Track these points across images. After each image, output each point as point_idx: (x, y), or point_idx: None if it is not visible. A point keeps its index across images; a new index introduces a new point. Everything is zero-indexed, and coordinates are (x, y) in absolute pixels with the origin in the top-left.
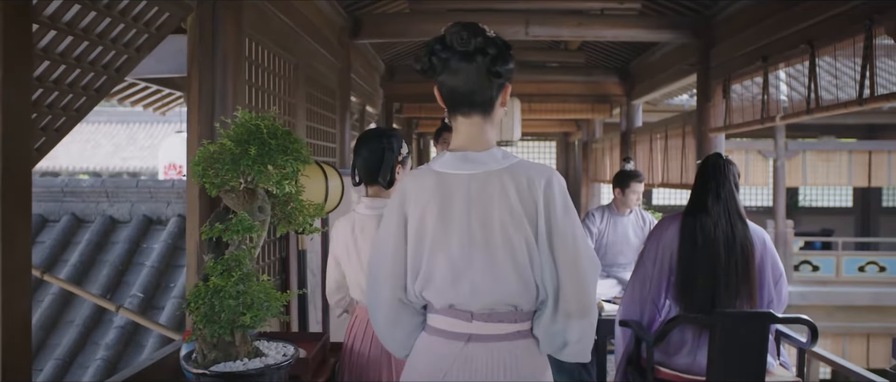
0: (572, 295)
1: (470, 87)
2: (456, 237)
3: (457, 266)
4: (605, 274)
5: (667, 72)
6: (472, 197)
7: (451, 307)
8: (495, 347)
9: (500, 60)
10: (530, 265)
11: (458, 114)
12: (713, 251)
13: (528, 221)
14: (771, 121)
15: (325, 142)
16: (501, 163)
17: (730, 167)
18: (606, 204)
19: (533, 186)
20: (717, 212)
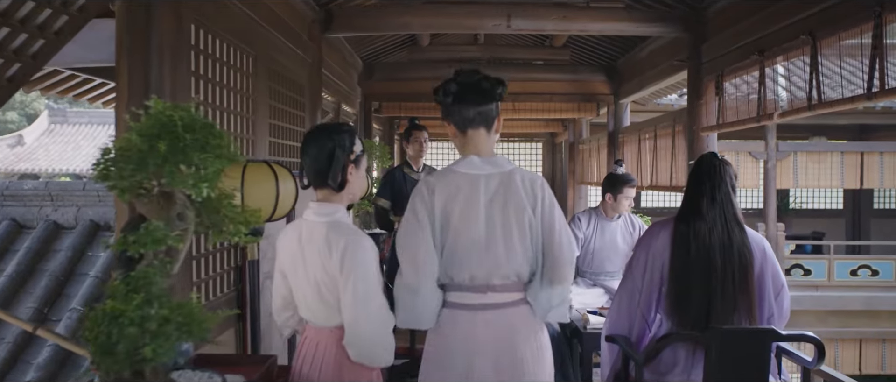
0: (555, 269)
1: (480, 110)
2: (482, 223)
3: (481, 245)
4: (591, 283)
5: (656, 69)
6: (491, 192)
7: (471, 279)
8: (506, 312)
9: (501, 89)
10: (531, 245)
11: (469, 129)
12: (708, 261)
13: (532, 210)
14: (768, 118)
15: (292, 141)
16: (507, 167)
17: (726, 168)
18: (594, 207)
19: (533, 185)
20: (712, 217)
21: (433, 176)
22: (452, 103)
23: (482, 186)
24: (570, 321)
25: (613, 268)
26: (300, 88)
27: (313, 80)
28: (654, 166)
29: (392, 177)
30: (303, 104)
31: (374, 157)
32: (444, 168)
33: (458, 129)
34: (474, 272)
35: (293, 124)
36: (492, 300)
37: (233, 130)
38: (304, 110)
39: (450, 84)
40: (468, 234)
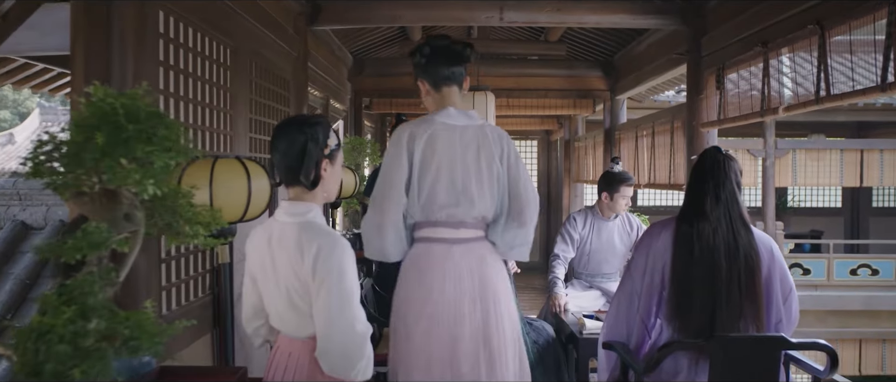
0: (522, 211)
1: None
2: (459, 169)
3: (459, 188)
4: (588, 285)
5: (653, 64)
6: (466, 141)
7: (448, 217)
8: (472, 245)
9: (469, 51)
10: (497, 191)
11: (444, 87)
12: (712, 264)
13: (499, 160)
14: (773, 113)
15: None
16: (479, 121)
17: (730, 164)
18: (590, 206)
19: (501, 139)
20: (716, 217)
21: (413, 124)
22: (427, 63)
23: (458, 135)
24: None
25: (610, 270)
26: (285, 83)
27: (299, 74)
28: (652, 163)
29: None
30: (287, 99)
31: (365, 154)
32: (424, 118)
33: (432, 87)
34: (451, 212)
35: (276, 120)
36: (464, 235)
37: (208, 124)
38: (289, 106)
39: (424, 47)
40: (449, 177)
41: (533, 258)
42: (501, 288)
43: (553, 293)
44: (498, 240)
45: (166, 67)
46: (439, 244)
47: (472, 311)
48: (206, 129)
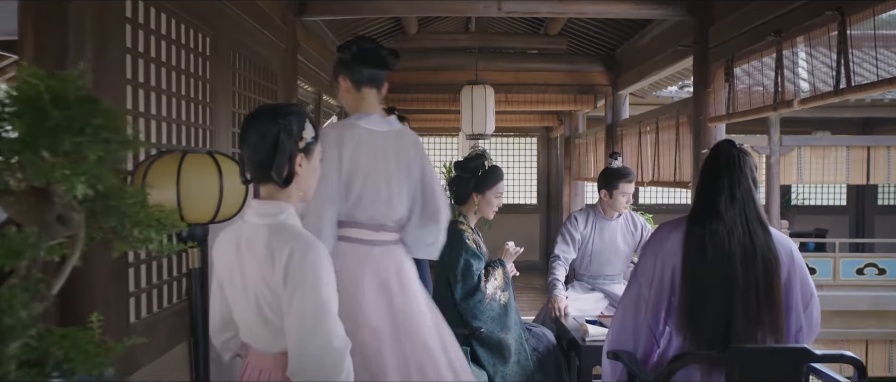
0: (435, 210)
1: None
2: (383, 173)
3: (382, 192)
4: (589, 287)
5: (657, 57)
6: (387, 146)
7: (370, 219)
8: (389, 248)
9: (394, 60)
10: (412, 193)
11: (364, 88)
12: (727, 268)
13: (416, 165)
14: (787, 106)
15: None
16: (397, 126)
17: (745, 159)
18: (592, 205)
19: (415, 143)
20: (731, 217)
21: (340, 126)
22: (352, 62)
23: (381, 141)
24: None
25: (613, 271)
26: (272, 76)
27: (287, 67)
28: (656, 160)
29: None
30: (275, 93)
31: None
32: (348, 122)
33: (353, 85)
34: (373, 214)
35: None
36: (383, 237)
37: (184, 117)
38: (277, 99)
39: (353, 46)
40: (374, 182)
41: (532, 258)
42: (419, 288)
43: (552, 296)
44: (410, 239)
45: (135, 54)
46: (361, 245)
47: (393, 310)
48: (183, 122)
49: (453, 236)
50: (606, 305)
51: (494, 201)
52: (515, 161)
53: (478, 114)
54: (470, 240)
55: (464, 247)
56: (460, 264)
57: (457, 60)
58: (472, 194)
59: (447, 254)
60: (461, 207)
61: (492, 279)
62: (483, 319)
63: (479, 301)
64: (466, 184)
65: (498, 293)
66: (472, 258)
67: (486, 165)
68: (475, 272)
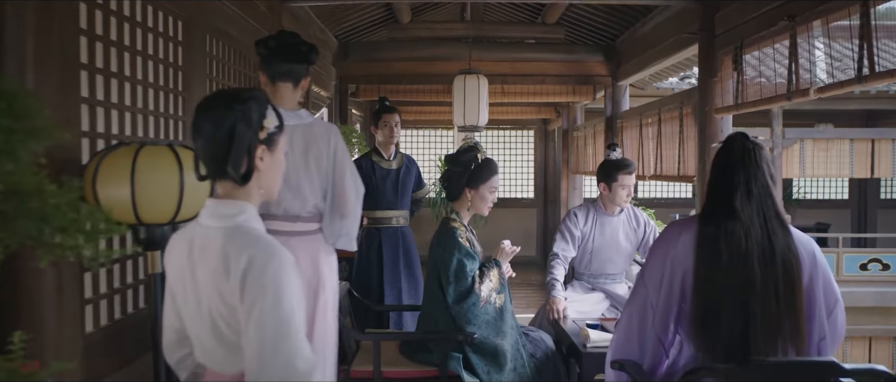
0: (343, 204)
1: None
2: (292, 167)
3: (294, 185)
4: (589, 286)
5: (660, 45)
6: (298, 140)
7: (285, 212)
8: (308, 238)
9: (313, 55)
10: (324, 185)
11: (279, 81)
12: (744, 272)
13: (326, 157)
14: (802, 95)
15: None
16: (308, 120)
17: (761, 153)
18: (592, 200)
19: (328, 134)
20: (748, 216)
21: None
22: (269, 56)
23: (290, 135)
24: None
25: (615, 270)
26: (255, 65)
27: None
28: (659, 153)
29: (357, 166)
30: (258, 82)
31: (352, 144)
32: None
33: (269, 79)
34: (286, 207)
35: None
36: (299, 228)
37: (153, 107)
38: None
39: (271, 39)
40: (289, 175)
41: (529, 253)
42: (330, 281)
43: (551, 297)
44: (325, 230)
45: (91, 36)
46: (279, 236)
47: (307, 302)
48: (151, 113)
49: (445, 234)
50: (607, 306)
51: (489, 197)
52: (512, 155)
53: (471, 105)
54: (463, 238)
55: (456, 246)
56: (453, 264)
57: (451, 50)
58: (465, 190)
59: (439, 253)
60: (454, 203)
61: (487, 281)
62: (477, 323)
63: (472, 305)
64: (458, 179)
65: (493, 295)
66: (465, 258)
67: (479, 157)
68: (469, 272)
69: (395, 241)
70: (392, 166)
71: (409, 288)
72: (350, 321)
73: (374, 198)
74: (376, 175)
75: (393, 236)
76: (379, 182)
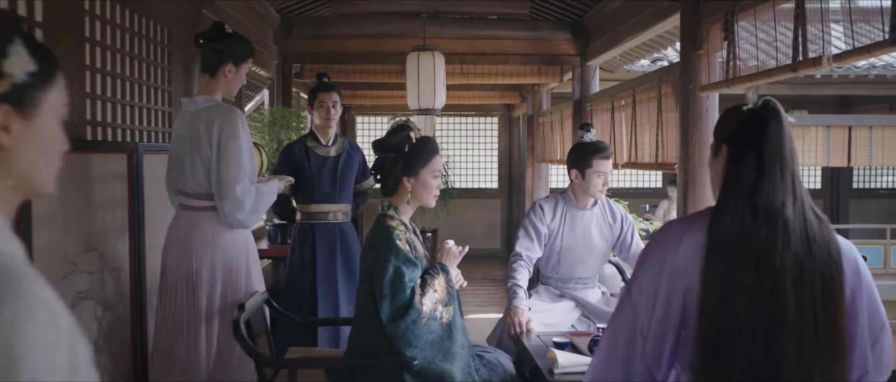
0: (219, 187)
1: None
2: (179, 148)
3: (180, 166)
4: (557, 293)
5: (633, 19)
6: (185, 124)
7: (190, 189)
8: (203, 213)
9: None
10: (207, 167)
11: (205, 73)
12: (774, 290)
13: (205, 141)
14: (813, 66)
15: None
16: (204, 105)
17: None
18: (561, 191)
19: (213, 121)
20: (786, 215)
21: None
22: (199, 47)
23: (183, 120)
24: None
25: (587, 273)
26: (162, 34)
27: (187, 25)
28: (633, 139)
29: (290, 154)
30: (166, 54)
31: (292, 129)
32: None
33: (201, 71)
34: (182, 186)
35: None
36: (203, 204)
37: None
38: (166, 60)
39: (202, 33)
40: (178, 158)
41: (493, 246)
42: (221, 275)
43: (512, 308)
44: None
45: None
46: (189, 211)
47: (206, 278)
48: None
49: (379, 235)
50: (578, 316)
51: (432, 183)
52: (475, 142)
53: (426, 86)
54: (402, 240)
55: (393, 250)
56: (388, 273)
57: (406, 26)
58: (402, 179)
59: (371, 259)
60: (392, 198)
61: (430, 292)
62: (419, 345)
63: (412, 323)
64: (392, 167)
65: (438, 309)
66: (403, 265)
67: (413, 137)
68: (408, 283)
69: (331, 240)
70: (330, 152)
71: (349, 297)
72: (266, 340)
73: (308, 190)
74: (311, 163)
75: (329, 234)
76: (314, 171)
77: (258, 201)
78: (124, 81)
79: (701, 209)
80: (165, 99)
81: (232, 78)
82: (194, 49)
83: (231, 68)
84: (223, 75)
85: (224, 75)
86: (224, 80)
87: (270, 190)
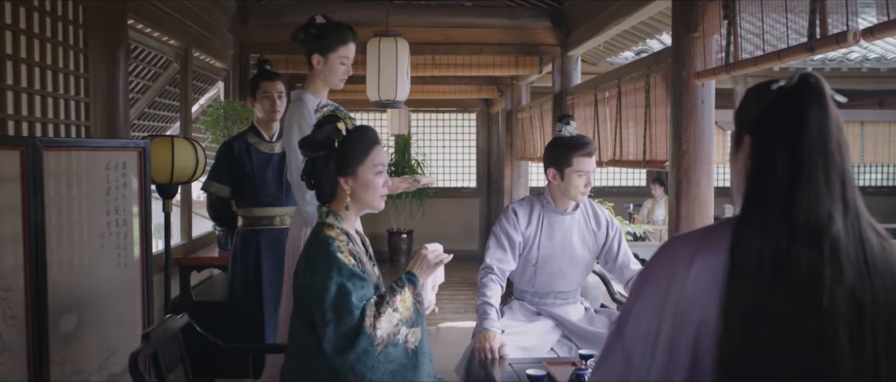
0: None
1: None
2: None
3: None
4: (534, 310)
5: (618, 3)
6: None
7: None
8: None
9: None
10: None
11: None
12: (823, 339)
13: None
14: (834, 45)
15: (55, 91)
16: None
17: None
18: (538, 193)
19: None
20: (836, 234)
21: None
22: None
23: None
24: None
25: (568, 287)
26: (65, 9)
27: (105, 3)
28: (618, 134)
29: (229, 152)
30: (75, 35)
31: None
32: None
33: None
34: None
35: (58, 63)
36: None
37: None
38: (82, 44)
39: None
40: None
41: (471, 248)
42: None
43: (481, 330)
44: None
45: None
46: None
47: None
48: None
49: (316, 249)
50: (558, 338)
51: (374, 180)
52: (452, 139)
53: (387, 75)
54: (344, 253)
55: (334, 266)
56: (330, 293)
57: (373, 13)
58: (338, 180)
59: (307, 279)
60: (331, 204)
61: (388, 311)
62: (375, 378)
63: (364, 352)
64: (324, 168)
65: (402, 331)
66: (348, 282)
67: (343, 129)
68: (355, 303)
69: (278, 248)
70: (274, 149)
71: None
72: (184, 370)
73: (250, 192)
74: (253, 161)
75: (276, 241)
76: (257, 170)
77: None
78: (19, 63)
79: (717, 222)
80: (80, 87)
81: (324, 68)
82: (123, 31)
83: (319, 59)
84: (315, 67)
85: (315, 67)
86: (317, 71)
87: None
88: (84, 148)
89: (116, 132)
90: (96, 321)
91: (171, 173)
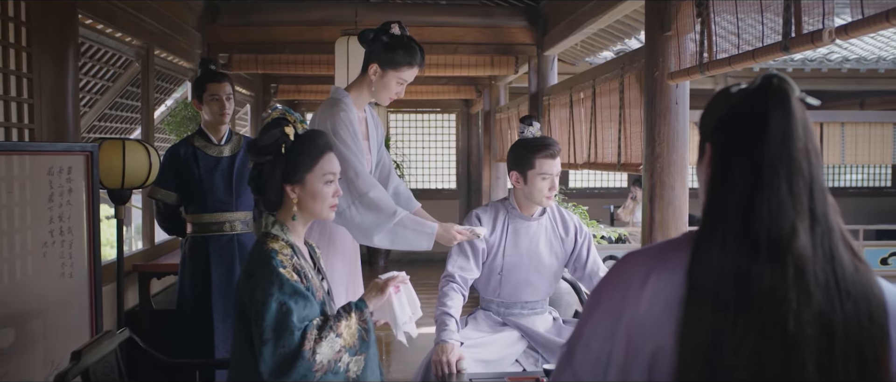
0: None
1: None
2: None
3: None
4: (500, 321)
5: (594, 0)
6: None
7: None
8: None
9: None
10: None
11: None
12: (789, 368)
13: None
14: (809, 44)
15: None
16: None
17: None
18: (503, 198)
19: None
20: (803, 251)
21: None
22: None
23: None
24: None
25: (535, 296)
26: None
27: None
28: (593, 136)
29: (174, 157)
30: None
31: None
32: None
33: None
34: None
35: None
36: None
37: None
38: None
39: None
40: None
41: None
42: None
43: (439, 342)
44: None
45: None
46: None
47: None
48: None
49: (257, 262)
50: (523, 349)
51: (324, 190)
52: (432, 140)
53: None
54: (288, 268)
55: (276, 282)
56: (270, 310)
57: (345, 11)
58: (284, 189)
59: (246, 295)
60: (278, 214)
61: (330, 336)
62: None
63: (301, 378)
64: (270, 174)
65: (343, 359)
66: (290, 300)
67: (290, 133)
68: (296, 324)
69: (229, 255)
70: (223, 152)
71: None
72: None
73: (199, 197)
74: (200, 166)
75: (226, 248)
76: (204, 175)
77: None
78: None
79: (678, 235)
80: (23, 87)
81: (377, 81)
82: (72, 29)
83: (377, 70)
84: (369, 74)
85: (370, 75)
86: (369, 80)
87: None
88: (25, 152)
89: (65, 135)
90: (41, 333)
91: (122, 177)
